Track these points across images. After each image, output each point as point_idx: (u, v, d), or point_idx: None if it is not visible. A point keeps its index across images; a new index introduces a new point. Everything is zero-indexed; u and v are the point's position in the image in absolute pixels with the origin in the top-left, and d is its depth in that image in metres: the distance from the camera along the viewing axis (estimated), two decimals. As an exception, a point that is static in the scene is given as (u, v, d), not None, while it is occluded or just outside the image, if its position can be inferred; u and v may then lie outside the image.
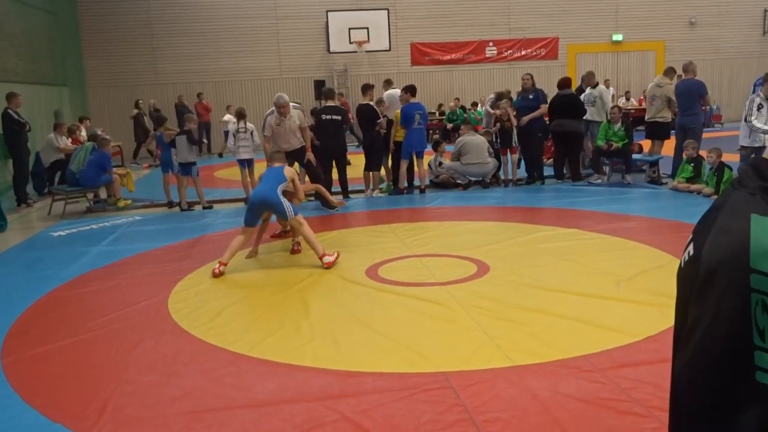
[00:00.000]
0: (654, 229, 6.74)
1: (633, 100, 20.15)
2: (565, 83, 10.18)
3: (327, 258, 5.75)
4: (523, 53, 20.31)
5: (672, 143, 9.82)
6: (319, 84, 17.93)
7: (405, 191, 9.81)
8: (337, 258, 5.83)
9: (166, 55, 18.64)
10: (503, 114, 10.07)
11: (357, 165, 10.86)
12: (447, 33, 19.80)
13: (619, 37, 20.65)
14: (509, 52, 20.29)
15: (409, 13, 19.51)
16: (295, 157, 8.39)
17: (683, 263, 1.01)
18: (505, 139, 10.06)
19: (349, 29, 18.43)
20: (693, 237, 0.99)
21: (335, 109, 9.43)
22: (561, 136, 10.03)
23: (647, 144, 10.54)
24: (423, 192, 9.81)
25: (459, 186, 10.00)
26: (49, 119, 13.04)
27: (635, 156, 10.16)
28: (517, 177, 10.27)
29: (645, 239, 6.20)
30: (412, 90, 9.71)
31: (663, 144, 10.11)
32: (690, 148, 8.91)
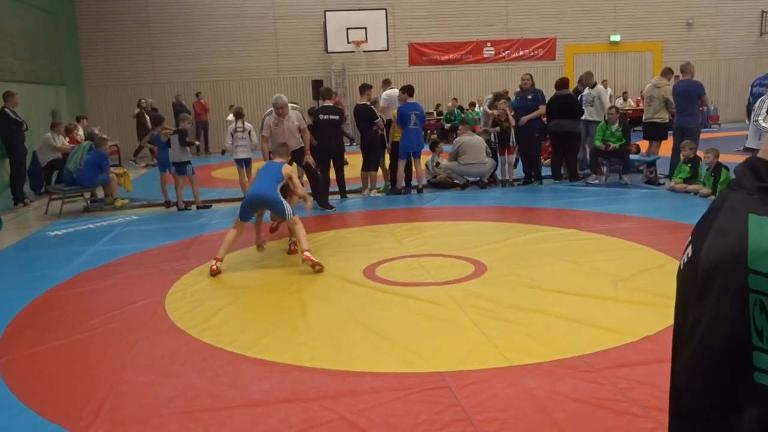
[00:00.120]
0: (651, 230, 6.75)
1: (630, 100, 20.16)
2: (563, 84, 10.21)
3: (308, 254, 5.60)
4: (521, 53, 20.31)
5: (669, 144, 9.83)
6: (317, 84, 17.90)
7: (402, 191, 9.82)
8: (318, 265, 5.57)
9: (164, 55, 18.61)
10: (501, 114, 10.08)
11: (354, 165, 10.85)
12: (445, 33, 19.80)
13: (617, 38, 20.65)
14: (507, 52, 20.29)
15: (407, 13, 19.50)
16: (294, 159, 8.37)
17: (682, 265, 1.00)
18: (503, 140, 10.07)
19: (347, 29, 18.42)
20: (692, 238, 0.99)
21: (333, 109, 9.42)
22: (558, 136, 10.05)
23: (645, 144, 10.56)
24: (420, 192, 9.82)
25: (457, 186, 10.00)
26: (47, 118, 13.00)
27: (633, 156, 10.18)
28: (514, 177, 10.28)
29: (642, 239, 6.21)
30: (409, 90, 9.72)
31: (660, 144, 10.13)
32: (687, 148, 8.92)
